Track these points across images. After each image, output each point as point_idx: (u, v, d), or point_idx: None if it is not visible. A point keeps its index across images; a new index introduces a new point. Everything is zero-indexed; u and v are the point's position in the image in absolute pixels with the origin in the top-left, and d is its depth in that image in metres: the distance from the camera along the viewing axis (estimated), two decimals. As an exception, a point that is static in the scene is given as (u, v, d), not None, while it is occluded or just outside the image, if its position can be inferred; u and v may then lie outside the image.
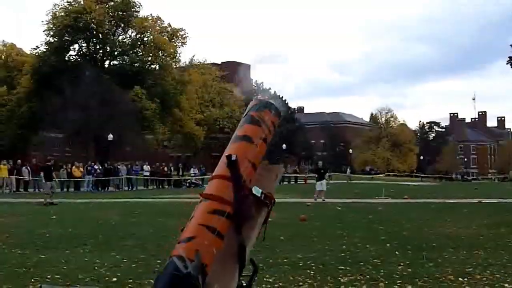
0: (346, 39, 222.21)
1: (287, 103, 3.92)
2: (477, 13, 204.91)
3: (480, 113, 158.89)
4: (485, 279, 8.20)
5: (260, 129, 3.57)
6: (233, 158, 3.38)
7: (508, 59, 20.85)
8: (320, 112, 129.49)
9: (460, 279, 8.18)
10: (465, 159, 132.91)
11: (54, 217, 17.86)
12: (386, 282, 7.98)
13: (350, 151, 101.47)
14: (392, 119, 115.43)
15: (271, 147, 3.78)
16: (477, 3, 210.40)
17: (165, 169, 48.00)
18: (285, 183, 51.56)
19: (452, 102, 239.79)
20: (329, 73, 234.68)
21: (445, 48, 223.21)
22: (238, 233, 3.37)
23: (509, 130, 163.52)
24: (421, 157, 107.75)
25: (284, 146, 72.03)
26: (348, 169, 75.83)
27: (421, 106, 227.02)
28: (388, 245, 11.68)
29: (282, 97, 3.80)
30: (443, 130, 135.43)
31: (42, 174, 25.38)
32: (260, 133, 3.56)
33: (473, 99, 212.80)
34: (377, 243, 11.87)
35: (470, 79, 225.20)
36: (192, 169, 51.97)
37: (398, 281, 8.02)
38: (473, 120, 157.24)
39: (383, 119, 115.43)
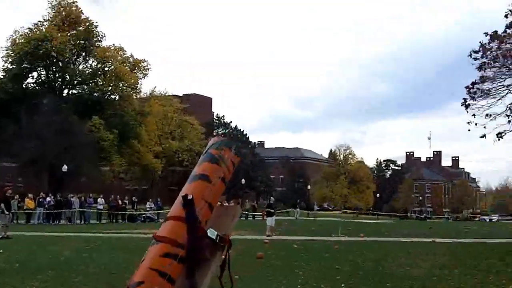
0: (309, 74, 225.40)
1: (248, 137, 3.86)
2: (437, 54, 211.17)
3: (435, 153, 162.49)
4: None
5: (219, 168, 3.49)
6: (189, 197, 3.29)
7: (463, 100, 21.37)
8: (281, 147, 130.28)
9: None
10: (420, 198, 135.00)
11: (1, 251, 17.26)
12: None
13: (309, 187, 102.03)
14: (350, 156, 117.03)
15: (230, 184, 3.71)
16: (437, 45, 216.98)
17: (120, 202, 46.80)
18: (242, 219, 51.16)
19: (409, 141, 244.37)
20: (291, 108, 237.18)
21: (404, 87, 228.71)
22: (190, 277, 3.25)
23: (463, 169, 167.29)
24: (378, 195, 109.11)
25: (243, 181, 72.01)
26: (315, 206, 76.89)
27: (379, 143, 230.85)
28: (343, 285, 11.62)
29: (245, 134, 3.75)
30: (400, 168, 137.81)
31: (2, 205, 24.05)
32: (219, 172, 3.48)
33: (429, 138, 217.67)
34: (333, 282, 11.81)
35: (426, 118, 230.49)
36: (148, 202, 51.01)
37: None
38: (428, 159, 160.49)
39: (342, 156, 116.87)
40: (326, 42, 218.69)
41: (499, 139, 20.62)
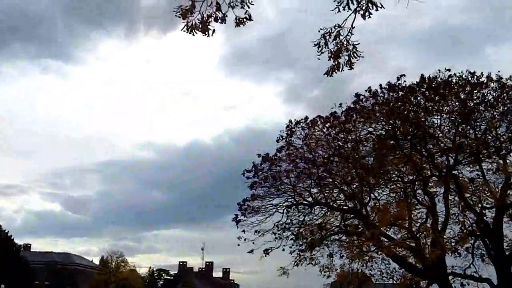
0: (82, 177, 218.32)
1: (12, 239, 3.54)
2: (213, 168, 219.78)
3: (207, 263, 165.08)
4: None
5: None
6: None
7: (235, 216, 22.26)
8: (49, 252, 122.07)
9: None
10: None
11: None
12: None
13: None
14: (123, 263, 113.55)
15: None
16: (214, 158, 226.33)
17: None
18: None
19: (182, 250, 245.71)
20: (62, 210, 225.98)
21: (180, 197, 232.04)
22: None
23: (232, 281, 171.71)
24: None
25: (2, 286, 65.55)
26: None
27: (153, 251, 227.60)
28: None
29: (9, 235, 3.42)
30: (172, 278, 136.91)
31: None
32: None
33: (202, 249, 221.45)
34: None
35: (200, 229, 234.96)
36: None
37: None
38: (201, 269, 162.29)
39: (114, 263, 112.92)
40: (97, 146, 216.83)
41: (265, 255, 21.64)
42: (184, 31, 7.49)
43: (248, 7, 7.35)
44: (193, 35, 7.54)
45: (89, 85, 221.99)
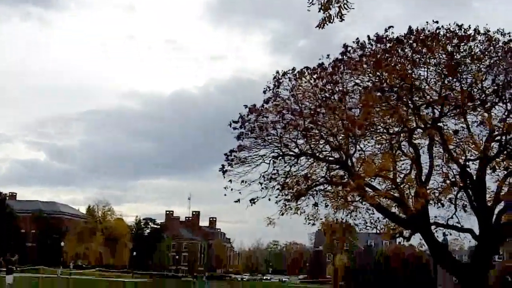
0: (67, 126, 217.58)
1: None
2: (199, 118, 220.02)
3: (194, 213, 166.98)
4: None
5: None
6: None
7: (221, 166, 22.41)
8: (34, 201, 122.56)
9: None
10: (177, 256, 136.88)
11: None
12: None
13: (62, 244, 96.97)
14: (109, 213, 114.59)
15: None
16: (200, 108, 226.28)
17: None
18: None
19: (169, 200, 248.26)
20: (48, 159, 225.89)
21: (167, 147, 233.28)
22: None
23: (219, 230, 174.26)
24: (135, 253, 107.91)
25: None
26: (71, 264, 73.39)
27: (140, 201, 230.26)
28: None
29: None
30: (158, 227, 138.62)
31: None
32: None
33: (189, 199, 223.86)
34: None
35: (187, 178, 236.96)
36: None
37: None
38: (187, 218, 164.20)
39: (100, 212, 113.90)
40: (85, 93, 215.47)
41: (252, 205, 21.95)
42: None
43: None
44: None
45: (71, 32, 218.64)
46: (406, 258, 58.33)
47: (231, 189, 21.83)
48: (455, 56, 20.48)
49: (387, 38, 20.72)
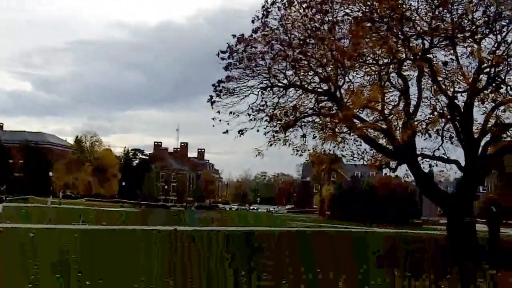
0: (54, 56, 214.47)
1: None
2: (187, 50, 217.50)
3: (182, 144, 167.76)
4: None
5: None
6: None
7: (210, 97, 22.29)
8: (21, 131, 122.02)
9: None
10: (166, 187, 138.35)
11: None
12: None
13: (51, 174, 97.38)
14: (97, 143, 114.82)
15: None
16: (185, 39, 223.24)
17: None
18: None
19: (158, 131, 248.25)
20: (34, 90, 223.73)
21: (155, 79, 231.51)
22: None
23: (207, 161, 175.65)
24: (123, 183, 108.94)
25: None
26: (61, 193, 74.51)
27: (128, 132, 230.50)
28: (79, 274, 11.36)
29: None
30: (147, 157, 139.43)
31: None
32: None
33: (177, 130, 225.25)
34: (70, 273, 11.46)
35: (176, 110, 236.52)
36: None
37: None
38: (176, 150, 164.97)
39: (88, 143, 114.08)
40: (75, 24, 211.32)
41: (240, 136, 22.02)
42: None
43: None
44: None
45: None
46: (393, 188, 59.29)
47: (220, 120, 21.82)
48: (447, -14, 20.11)
49: (379, -34, 20.24)
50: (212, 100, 22.24)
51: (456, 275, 13.68)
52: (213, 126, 22.00)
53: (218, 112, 21.84)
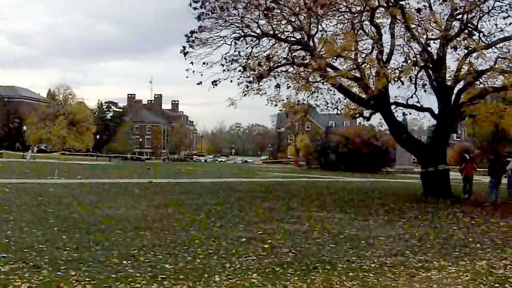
0: (26, 7, 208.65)
1: None
2: (159, 0, 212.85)
3: (156, 96, 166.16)
4: (148, 260, 8.54)
5: None
6: None
7: (182, 48, 21.98)
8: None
9: (124, 261, 8.36)
10: (140, 139, 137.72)
11: None
12: (50, 269, 7.71)
13: (24, 128, 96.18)
14: (70, 96, 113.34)
15: None
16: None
17: None
18: None
19: (131, 83, 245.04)
20: (5, 43, 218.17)
21: (128, 29, 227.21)
22: None
23: (181, 113, 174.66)
24: (98, 136, 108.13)
25: None
26: (35, 147, 73.42)
27: (101, 84, 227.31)
28: (55, 228, 11.36)
29: None
30: (121, 110, 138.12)
31: None
32: None
33: (150, 82, 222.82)
34: (45, 227, 11.47)
35: (149, 61, 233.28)
36: None
37: (62, 267, 7.82)
38: (149, 101, 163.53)
39: (61, 96, 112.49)
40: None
41: (214, 87, 21.84)
42: None
43: None
44: None
45: None
46: (367, 137, 59.73)
47: (193, 72, 21.57)
48: None
49: None
50: (185, 51, 21.94)
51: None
52: (187, 77, 21.80)
53: (192, 63, 21.58)
